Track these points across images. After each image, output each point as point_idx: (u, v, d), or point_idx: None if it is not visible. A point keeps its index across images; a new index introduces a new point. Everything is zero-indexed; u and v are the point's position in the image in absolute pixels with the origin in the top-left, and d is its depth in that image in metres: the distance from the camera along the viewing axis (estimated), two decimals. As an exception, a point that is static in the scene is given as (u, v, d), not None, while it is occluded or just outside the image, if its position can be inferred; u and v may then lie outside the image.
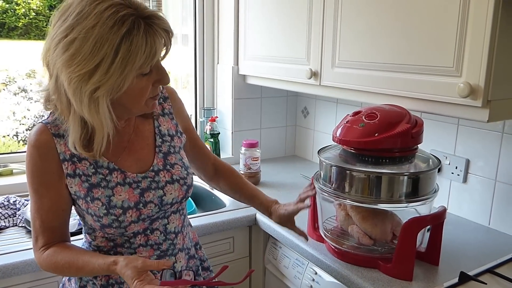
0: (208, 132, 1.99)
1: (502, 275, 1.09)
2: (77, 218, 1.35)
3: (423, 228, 1.11)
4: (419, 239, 1.14)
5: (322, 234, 1.26)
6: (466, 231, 1.39)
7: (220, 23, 2.09)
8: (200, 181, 1.33)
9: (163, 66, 0.92)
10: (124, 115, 0.95)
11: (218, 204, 1.68)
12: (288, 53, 1.67)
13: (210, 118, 2.03)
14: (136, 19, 0.82)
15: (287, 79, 1.70)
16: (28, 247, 1.14)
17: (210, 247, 1.48)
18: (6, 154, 1.87)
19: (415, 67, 1.17)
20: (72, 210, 0.99)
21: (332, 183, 1.16)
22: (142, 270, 0.84)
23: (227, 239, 1.53)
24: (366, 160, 1.13)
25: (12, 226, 1.51)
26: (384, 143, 1.09)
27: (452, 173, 1.49)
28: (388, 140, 1.08)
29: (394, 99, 1.25)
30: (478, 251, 1.26)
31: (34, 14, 2.67)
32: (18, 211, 1.54)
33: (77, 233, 1.34)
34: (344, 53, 1.40)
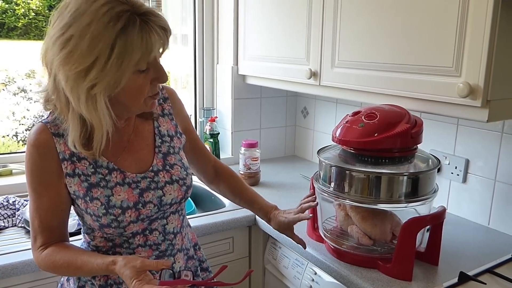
0: (208, 132, 1.99)
1: (501, 275, 1.09)
2: (76, 218, 1.34)
3: (423, 228, 1.11)
4: (419, 239, 1.14)
5: (322, 234, 1.26)
6: (466, 231, 1.39)
7: (220, 23, 2.09)
8: (200, 181, 1.32)
9: (161, 64, 0.92)
10: (124, 114, 0.95)
11: (218, 204, 1.68)
12: (287, 53, 1.67)
13: (209, 118, 2.03)
14: (131, 15, 0.82)
15: (287, 79, 1.70)
16: (27, 248, 1.14)
17: (209, 247, 1.48)
18: (6, 155, 1.87)
19: (414, 67, 1.17)
20: (71, 211, 0.99)
21: (332, 183, 1.16)
22: (141, 270, 0.84)
23: (227, 239, 1.53)
24: (365, 160, 1.13)
25: (12, 227, 1.51)
26: (384, 143, 1.08)
27: (452, 173, 1.49)
28: (388, 140, 1.08)
29: (393, 99, 1.25)
30: (477, 251, 1.26)
31: (33, 14, 2.67)
32: (18, 211, 1.54)
33: (76, 233, 1.34)
34: (343, 53, 1.40)
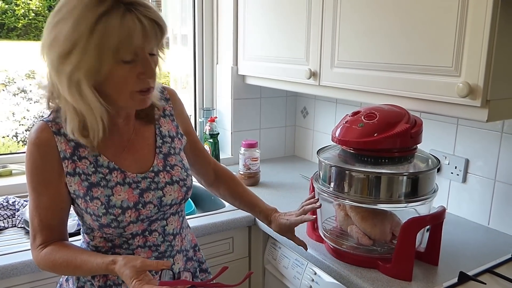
0: (208, 132, 1.99)
1: (501, 275, 1.09)
2: (76, 218, 1.34)
3: (423, 228, 1.11)
4: (419, 239, 1.14)
5: (322, 235, 1.26)
6: (466, 231, 1.39)
7: (219, 24, 2.09)
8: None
9: (154, 60, 0.90)
10: (114, 107, 0.93)
11: (218, 204, 1.68)
12: (287, 53, 1.67)
13: (209, 119, 2.03)
14: (116, 2, 0.82)
15: (286, 79, 1.70)
16: (27, 248, 1.14)
17: (209, 248, 1.48)
18: (6, 155, 1.87)
19: (414, 67, 1.17)
20: (71, 211, 0.99)
21: (331, 183, 1.16)
22: (141, 270, 0.84)
23: (227, 239, 1.53)
24: (365, 160, 1.13)
25: (11, 227, 1.51)
26: (383, 143, 1.08)
27: (452, 173, 1.49)
28: (387, 140, 1.08)
29: (393, 99, 1.25)
30: (477, 251, 1.26)
31: (33, 14, 2.68)
32: (17, 211, 1.54)
33: (76, 233, 1.34)
34: (343, 53, 1.40)
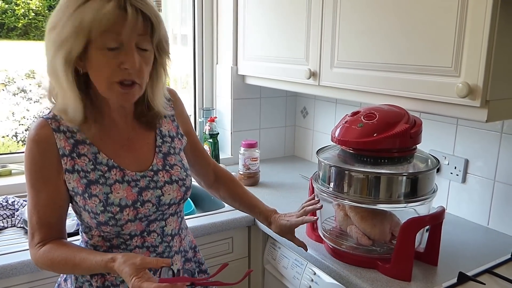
0: (207, 132, 1.99)
1: (500, 275, 1.09)
2: (75, 218, 1.34)
3: (422, 228, 1.11)
4: (418, 239, 1.14)
5: (321, 235, 1.26)
6: (465, 231, 1.39)
7: (219, 24, 2.09)
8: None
9: (144, 56, 0.89)
10: (100, 98, 0.95)
11: (217, 204, 1.68)
12: (287, 53, 1.67)
13: (209, 118, 2.03)
14: None
15: (286, 79, 1.70)
16: (26, 248, 1.13)
17: (209, 248, 1.48)
18: (5, 155, 1.87)
19: (413, 67, 1.17)
20: (70, 210, 0.99)
21: (331, 183, 1.16)
22: (141, 267, 0.84)
23: (226, 239, 1.53)
24: (364, 161, 1.13)
25: (11, 227, 1.51)
26: (383, 143, 1.08)
27: (451, 173, 1.49)
28: (387, 140, 1.08)
29: (392, 99, 1.25)
30: (477, 251, 1.26)
31: (33, 14, 2.68)
32: (17, 211, 1.54)
33: (75, 233, 1.34)
34: (343, 53, 1.40)
